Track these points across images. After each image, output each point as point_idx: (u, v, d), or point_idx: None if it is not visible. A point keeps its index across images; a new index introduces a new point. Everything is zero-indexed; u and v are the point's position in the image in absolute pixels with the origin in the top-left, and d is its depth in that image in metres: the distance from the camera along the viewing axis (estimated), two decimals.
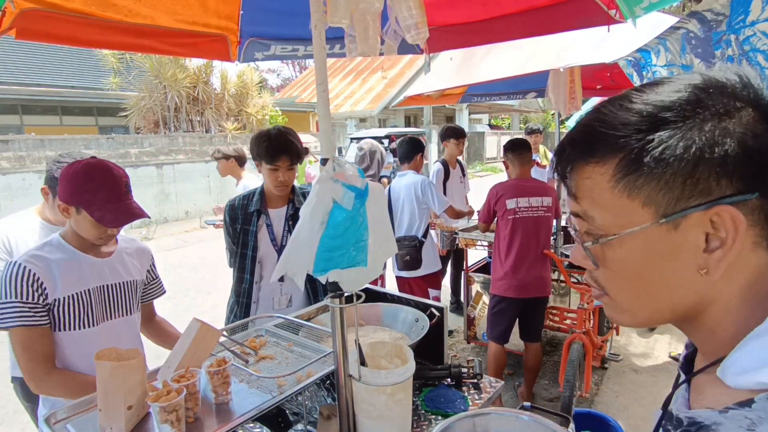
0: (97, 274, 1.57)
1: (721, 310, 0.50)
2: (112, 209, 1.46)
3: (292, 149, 2.05)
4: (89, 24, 1.84)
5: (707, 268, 0.48)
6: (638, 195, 0.49)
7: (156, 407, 1.07)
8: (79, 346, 1.53)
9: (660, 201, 0.48)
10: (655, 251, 0.49)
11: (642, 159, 0.47)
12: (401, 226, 3.52)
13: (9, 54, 14.45)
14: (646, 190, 0.48)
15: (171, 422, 1.08)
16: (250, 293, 2.15)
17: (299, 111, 17.86)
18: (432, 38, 2.01)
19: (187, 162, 11.67)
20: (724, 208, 0.45)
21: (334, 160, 1.07)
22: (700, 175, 0.46)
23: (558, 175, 0.57)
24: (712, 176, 0.46)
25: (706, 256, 0.47)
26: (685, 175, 0.46)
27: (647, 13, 1.83)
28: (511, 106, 22.19)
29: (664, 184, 0.47)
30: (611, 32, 2.08)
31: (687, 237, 0.48)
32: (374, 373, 1.17)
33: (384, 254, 1.15)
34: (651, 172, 0.47)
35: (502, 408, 1.31)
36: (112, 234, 1.55)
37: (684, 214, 0.47)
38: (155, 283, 1.85)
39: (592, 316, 3.25)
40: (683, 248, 0.48)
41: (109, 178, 1.47)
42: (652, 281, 0.51)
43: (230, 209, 2.18)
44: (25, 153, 9.05)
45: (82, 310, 1.52)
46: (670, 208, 0.47)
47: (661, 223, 0.48)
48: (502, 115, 28.94)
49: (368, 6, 1.29)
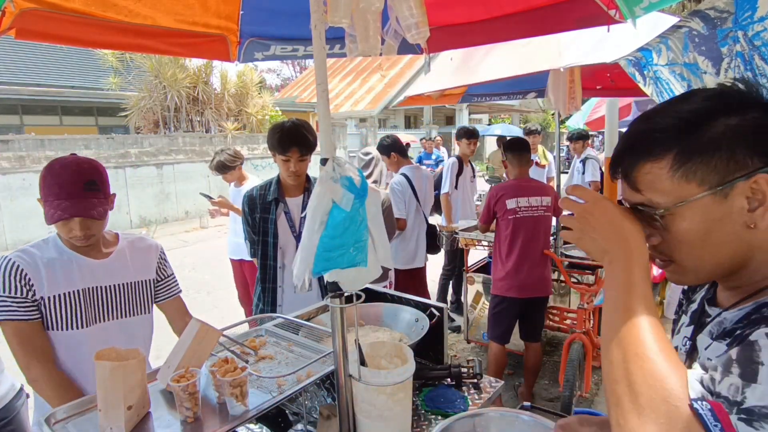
0: (89, 275, 1.53)
1: (765, 253, 0.66)
2: (58, 206, 1.38)
3: (303, 141, 2.14)
4: (89, 24, 1.83)
5: (754, 222, 0.64)
6: (694, 178, 0.65)
7: (225, 381, 1.16)
8: (67, 348, 1.50)
9: (713, 179, 0.64)
10: (711, 218, 0.65)
11: (693, 151, 0.64)
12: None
13: (9, 54, 14.45)
14: (700, 174, 0.64)
15: (236, 396, 1.18)
16: (275, 278, 2.26)
17: (299, 111, 17.84)
18: (432, 38, 2.01)
19: (187, 162, 11.66)
20: (761, 176, 0.62)
21: (334, 160, 1.07)
22: (739, 156, 0.63)
23: (622, 177, 0.72)
24: (747, 156, 0.63)
25: (751, 215, 0.64)
26: (728, 158, 0.63)
27: (647, 12, 1.82)
28: (511, 106, 22.20)
29: (714, 166, 0.64)
30: (611, 32, 2.08)
31: (734, 202, 0.64)
32: (374, 373, 1.17)
33: (382, 260, 1.15)
34: (702, 160, 0.64)
35: (502, 408, 1.31)
36: (84, 235, 1.44)
37: (731, 185, 0.63)
38: (165, 282, 1.77)
39: (592, 316, 3.25)
40: (732, 211, 0.64)
41: (65, 174, 1.40)
42: (712, 241, 0.66)
43: (248, 200, 2.26)
44: (25, 153, 9.04)
45: (69, 311, 1.48)
46: (720, 182, 0.63)
47: (715, 192, 0.64)
48: (502, 115, 28.93)
49: (368, 5, 1.29)
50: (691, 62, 1.47)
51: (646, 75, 1.95)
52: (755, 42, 1.16)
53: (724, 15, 1.24)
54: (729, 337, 0.67)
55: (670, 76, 1.69)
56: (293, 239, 2.24)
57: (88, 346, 1.50)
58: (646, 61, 1.87)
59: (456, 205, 4.62)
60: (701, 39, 1.38)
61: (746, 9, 1.16)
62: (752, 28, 1.16)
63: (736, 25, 1.20)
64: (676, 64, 1.59)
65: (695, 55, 1.43)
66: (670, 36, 1.58)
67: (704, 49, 1.38)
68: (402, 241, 3.58)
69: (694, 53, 1.44)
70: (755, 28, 1.15)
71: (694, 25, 1.39)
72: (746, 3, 1.17)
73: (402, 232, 3.52)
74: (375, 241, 1.13)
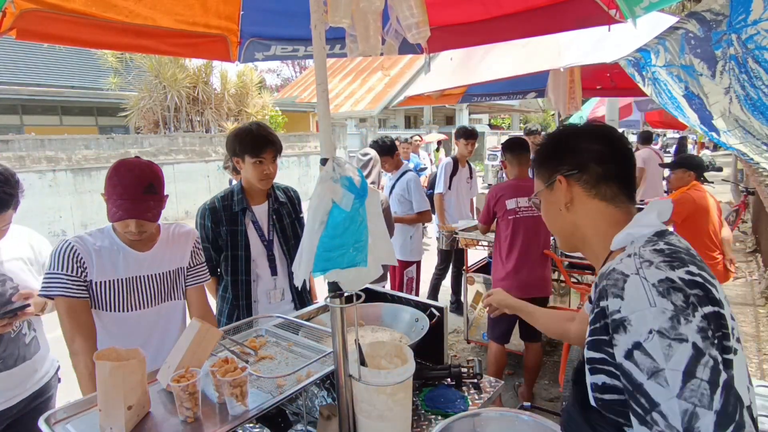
0: (133, 266, 1.66)
1: (583, 229, 0.99)
2: (120, 206, 1.52)
3: (276, 141, 2.06)
4: (89, 24, 1.83)
5: (561, 207, 1.00)
6: (540, 177, 1.06)
7: (225, 381, 1.18)
8: (107, 330, 1.66)
9: (545, 178, 1.04)
10: (549, 202, 1.04)
11: (539, 161, 1.06)
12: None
13: (9, 54, 14.46)
14: (541, 175, 1.05)
15: (236, 396, 1.20)
16: (249, 293, 2.13)
17: (299, 111, 17.85)
18: (432, 38, 2.01)
19: (187, 162, 11.67)
20: (560, 177, 0.99)
21: (334, 160, 1.07)
22: (554, 164, 1.01)
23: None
24: (560, 164, 1.00)
25: (562, 201, 1.00)
26: (551, 166, 1.02)
27: (647, 12, 1.83)
28: (511, 106, 22.19)
29: (545, 171, 1.04)
30: (611, 32, 2.08)
31: (555, 193, 1.01)
32: (374, 373, 1.17)
33: (383, 257, 1.15)
34: (541, 166, 1.05)
35: (502, 408, 1.31)
36: (139, 231, 1.58)
37: (551, 182, 1.01)
38: (196, 269, 1.84)
39: None
40: (557, 199, 1.01)
41: (128, 178, 1.54)
42: (553, 218, 1.05)
43: (212, 213, 2.09)
44: (25, 153, 9.05)
45: (112, 297, 1.63)
46: (548, 180, 1.03)
47: (546, 187, 1.03)
48: (502, 115, 28.95)
49: (369, 5, 1.29)
50: (688, 64, 1.47)
51: (645, 76, 1.95)
52: (748, 45, 1.16)
53: (719, 18, 1.24)
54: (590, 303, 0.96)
55: (667, 77, 1.70)
56: (264, 249, 2.14)
57: (127, 330, 1.67)
58: (645, 61, 1.88)
59: (449, 206, 4.60)
60: (697, 41, 1.38)
61: (740, 12, 1.16)
62: (746, 32, 1.16)
63: (730, 28, 1.20)
64: (673, 66, 1.59)
65: (691, 57, 1.44)
66: (668, 37, 1.58)
67: (699, 52, 1.39)
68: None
69: (690, 55, 1.44)
70: (749, 31, 1.15)
71: (690, 27, 1.39)
72: (740, 6, 1.16)
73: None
74: (375, 239, 1.13)
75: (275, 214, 2.18)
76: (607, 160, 0.96)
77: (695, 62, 1.43)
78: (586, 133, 1.00)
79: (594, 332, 0.82)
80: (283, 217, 2.21)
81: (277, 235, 2.18)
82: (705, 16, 1.30)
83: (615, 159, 0.96)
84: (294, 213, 2.27)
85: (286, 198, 2.26)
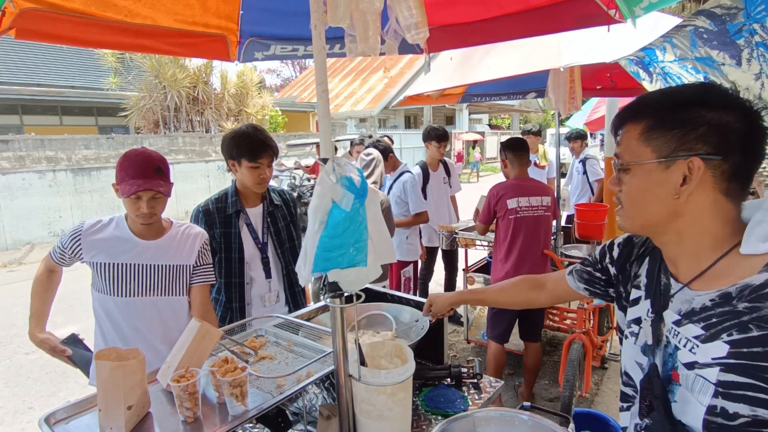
0: (134, 253, 1.73)
1: (686, 221, 0.82)
2: (133, 183, 1.62)
3: (273, 145, 2.07)
4: (89, 24, 1.83)
5: (679, 194, 0.80)
6: (650, 145, 0.82)
7: (225, 381, 1.18)
8: (105, 311, 1.76)
9: (663, 150, 0.80)
10: (652, 180, 0.82)
11: (659, 124, 0.81)
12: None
13: (9, 54, 14.45)
14: (656, 144, 0.81)
15: (236, 396, 1.20)
16: (242, 296, 2.11)
17: (299, 111, 17.85)
18: (432, 38, 2.01)
19: (187, 162, 11.66)
20: (698, 159, 0.77)
21: (334, 160, 1.07)
22: (690, 139, 0.78)
23: (613, 133, 0.90)
24: (696, 140, 0.78)
25: (679, 188, 0.79)
26: (681, 138, 0.79)
27: (647, 12, 1.83)
28: (511, 106, 22.20)
29: (668, 141, 0.80)
30: (611, 32, 2.08)
31: (672, 175, 0.80)
32: (374, 373, 1.17)
33: (384, 256, 1.15)
34: (662, 133, 0.80)
35: (502, 408, 1.31)
36: (149, 213, 1.67)
37: (674, 160, 0.79)
38: (201, 269, 1.86)
39: (592, 316, 3.25)
40: (669, 181, 0.80)
41: (139, 159, 1.66)
42: (648, 198, 0.83)
43: (205, 215, 2.08)
44: (25, 153, 9.05)
45: (111, 280, 1.72)
46: (667, 155, 0.80)
47: (660, 162, 0.80)
48: (502, 115, 28.97)
49: (368, 5, 1.29)
50: (704, 56, 1.56)
51: (653, 72, 1.99)
52: None
53: (732, 11, 1.30)
54: (703, 322, 0.79)
55: (680, 70, 1.77)
56: (258, 252, 2.12)
57: (123, 314, 1.75)
58: (650, 59, 1.91)
59: (431, 213, 4.13)
60: (710, 35, 1.45)
61: (758, 3, 1.26)
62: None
63: (750, 18, 1.27)
64: (686, 59, 1.66)
65: (707, 50, 1.51)
66: (675, 35, 1.63)
67: (716, 44, 1.47)
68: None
69: (705, 48, 1.51)
70: None
71: (699, 23, 1.45)
72: None
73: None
74: (375, 239, 1.13)
75: (270, 217, 2.17)
76: (754, 149, 0.78)
77: (713, 54, 1.50)
78: (739, 106, 0.77)
79: (745, 356, 0.71)
80: (278, 220, 2.20)
81: (272, 237, 2.16)
82: (715, 11, 1.37)
83: (759, 149, 0.78)
84: (289, 216, 2.26)
85: (281, 201, 2.25)
